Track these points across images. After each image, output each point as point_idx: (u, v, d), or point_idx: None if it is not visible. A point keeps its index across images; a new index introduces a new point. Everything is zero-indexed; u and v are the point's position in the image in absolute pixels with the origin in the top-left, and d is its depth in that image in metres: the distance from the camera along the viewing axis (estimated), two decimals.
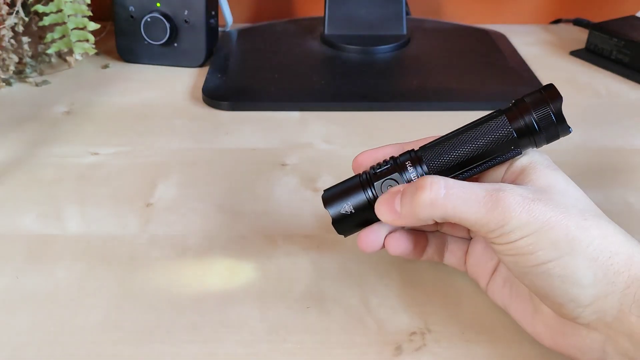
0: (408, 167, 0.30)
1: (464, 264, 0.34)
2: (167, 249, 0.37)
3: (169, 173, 0.44)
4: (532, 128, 0.29)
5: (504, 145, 0.29)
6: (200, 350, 0.30)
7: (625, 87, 0.59)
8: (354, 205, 0.31)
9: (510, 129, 0.29)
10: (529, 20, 0.77)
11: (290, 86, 0.57)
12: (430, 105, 0.54)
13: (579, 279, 0.25)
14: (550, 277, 0.26)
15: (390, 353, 0.30)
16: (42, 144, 0.48)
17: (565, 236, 0.25)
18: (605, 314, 0.25)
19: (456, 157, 0.30)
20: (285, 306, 0.33)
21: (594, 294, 0.25)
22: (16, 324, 0.31)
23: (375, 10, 0.65)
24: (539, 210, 0.26)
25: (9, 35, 0.55)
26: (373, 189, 0.31)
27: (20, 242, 0.37)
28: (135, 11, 0.60)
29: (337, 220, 0.32)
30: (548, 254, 0.25)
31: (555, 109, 0.29)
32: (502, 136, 0.29)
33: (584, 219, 0.26)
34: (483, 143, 0.29)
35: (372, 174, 0.31)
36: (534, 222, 0.26)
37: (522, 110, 0.29)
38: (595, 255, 0.25)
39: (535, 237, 0.26)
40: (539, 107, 0.29)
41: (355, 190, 0.31)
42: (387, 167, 0.31)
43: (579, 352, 0.27)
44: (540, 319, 0.29)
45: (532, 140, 0.29)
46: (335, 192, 0.32)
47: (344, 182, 0.32)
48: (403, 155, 0.31)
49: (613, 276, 0.25)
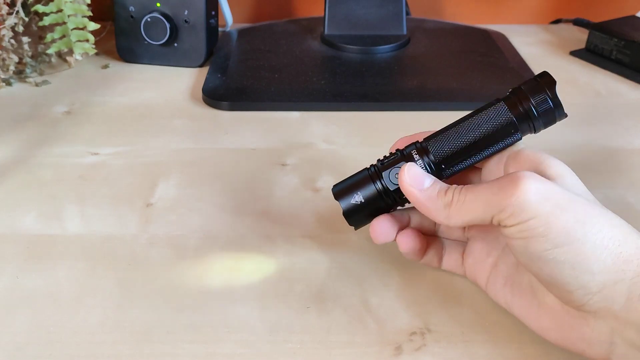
0: (414, 156, 0.32)
1: (461, 265, 0.34)
2: (167, 249, 0.37)
3: (169, 173, 0.44)
4: (530, 113, 0.30)
5: (504, 131, 0.31)
6: (200, 350, 0.30)
7: (625, 87, 0.59)
8: (364, 196, 0.32)
9: (510, 115, 0.30)
10: (529, 20, 0.77)
11: (290, 86, 0.57)
12: (430, 105, 0.54)
13: (590, 266, 0.25)
14: (560, 264, 0.26)
15: (390, 353, 0.30)
16: (42, 144, 0.48)
17: (576, 222, 0.26)
18: (614, 302, 0.26)
19: (460, 144, 0.31)
20: (285, 306, 0.33)
21: (603, 281, 0.25)
22: (16, 324, 0.31)
23: (375, 10, 0.65)
24: (552, 191, 0.26)
25: (9, 35, 0.55)
26: (382, 179, 0.32)
27: (20, 242, 0.37)
28: (135, 11, 0.60)
29: (349, 211, 0.33)
30: (559, 238, 0.26)
31: (552, 94, 0.30)
32: (502, 122, 0.30)
33: (592, 207, 0.27)
34: (485, 130, 0.31)
35: (379, 165, 0.32)
36: (546, 204, 0.26)
37: (521, 97, 0.31)
38: (606, 242, 0.26)
39: (547, 218, 0.26)
40: (536, 94, 0.30)
41: (365, 181, 0.32)
42: (394, 158, 0.32)
43: (586, 345, 0.27)
44: (545, 312, 0.29)
45: (531, 125, 0.31)
46: (345, 185, 0.33)
47: (353, 176, 0.33)
48: (409, 147, 0.32)
49: (623, 264, 0.25)
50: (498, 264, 0.31)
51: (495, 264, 0.32)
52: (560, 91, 0.29)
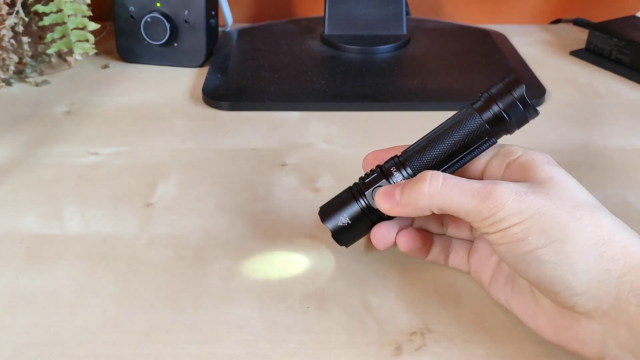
0: (394, 172, 0.32)
1: (466, 263, 0.34)
2: (167, 249, 0.37)
3: (169, 173, 0.44)
4: (501, 117, 0.30)
5: (477, 136, 0.31)
6: (200, 350, 0.30)
7: (625, 87, 0.59)
8: (350, 217, 0.33)
9: (482, 121, 0.31)
10: (529, 20, 0.77)
11: (290, 86, 0.57)
12: (430, 105, 0.54)
13: (571, 265, 0.26)
14: (542, 264, 0.26)
15: (390, 353, 0.30)
16: (42, 144, 0.48)
17: (556, 223, 0.26)
18: (602, 302, 0.26)
19: (436, 155, 0.31)
20: (285, 306, 0.33)
21: (587, 280, 0.26)
22: (16, 324, 0.31)
23: (375, 10, 0.65)
24: (531, 200, 0.27)
25: (9, 35, 0.55)
26: (365, 198, 0.32)
27: (20, 242, 0.37)
28: (135, 11, 0.60)
29: (337, 232, 0.33)
30: (539, 240, 0.26)
31: (519, 96, 0.30)
32: (475, 128, 0.31)
33: (577, 208, 0.27)
34: (459, 138, 0.31)
35: (361, 184, 0.33)
36: (526, 211, 0.27)
37: (489, 101, 0.31)
38: (588, 242, 0.26)
39: (527, 224, 0.26)
40: (503, 97, 0.30)
41: (349, 201, 0.33)
42: (374, 176, 0.33)
43: (580, 345, 0.27)
44: (541, 312, 0.29)
45: (503, 127, 0.31)
46: (330, 207, 0.34)
47: (337, 197, 0.34)
48: (388, 162, 0.33)
49: (607, 263, 0.26)
50: (501, 262, 0.32)
51: (499, 262, 0.32)
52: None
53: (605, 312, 0.26)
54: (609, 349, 0.26)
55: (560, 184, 0.28)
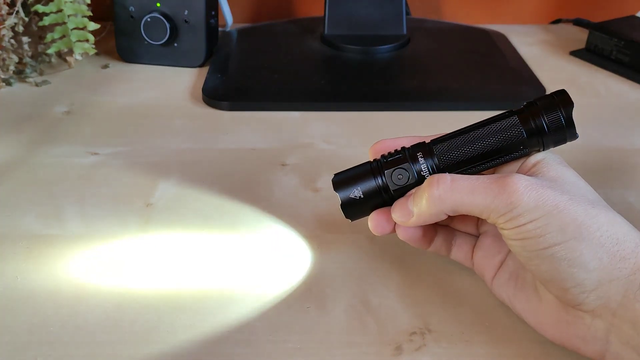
0: (419, 158, 0.31)
1: (470, 259, 0.34)
2: (167, 249, 0.37)
3: (169, 173, 0.44)
4: (542, 130, 0.29)
5: (513, 144, 0.30)
6: (200, 350, 0.30)
7: (625, 87, 0.59)
8: (364, 191, 0.32)
9: (521, 129, 0.30)
10: (529, 20, 0.77)
11: (290, 86, 0.57)
12: (430, 105, 0.54)
13: (585, 263, 0.26)
14: (557, 261, 0.26)
15: (390, 353, 0.30)
16: (42, 144, 0.48)
17: (573, 221, 0.26)
18: (610, 300, 0.26)
19: (467, 152, 0.30)
20: (285, 306, 0.33)
21: (598, 278, 0.26)
22: (16, 324, 0.31)
23: (375, 10, 0.65)
24: (548, 195, 0.27)
25: (9, 35, 0.55)
26: (383, 177, 0.31)
27: (20, 242, 0.37)
28: (135, 11, 0.60)
29: (346, 204, 0.32)
30: (555, 237, 0.26)
31: (566, 114, 0.29)
32: (512, 135, 0.30)
33: (592, 206, 0.27)
34: (494, 141, 0.30)
35: (383, 162, 0.32)
36: (543, 206, 0.26)
37: (534, 113, 0.30)
38: (602, 241, 0.26)
39: (544, 220, 0.26)
40: (550, 111, 0.29)
41: (366, 176, 0.32)
42: (398, 156, 0.31)
43: (582, 342, 0.27)
44: (544, 309, 0.29)
45: (540, 141, 0.30)
46: (345, 176, 0.32)
47: (355, 168, 0.33)
48: (415, 146, 0.32)
49: (619, 262, 0.26)
50: (506, 260, 0.32)
51: (504, 260, 0.32)
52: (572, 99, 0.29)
53: (612, 309, 0.26)
54: (610, 347, 0.26)
55: (571, 182, 0.28)
